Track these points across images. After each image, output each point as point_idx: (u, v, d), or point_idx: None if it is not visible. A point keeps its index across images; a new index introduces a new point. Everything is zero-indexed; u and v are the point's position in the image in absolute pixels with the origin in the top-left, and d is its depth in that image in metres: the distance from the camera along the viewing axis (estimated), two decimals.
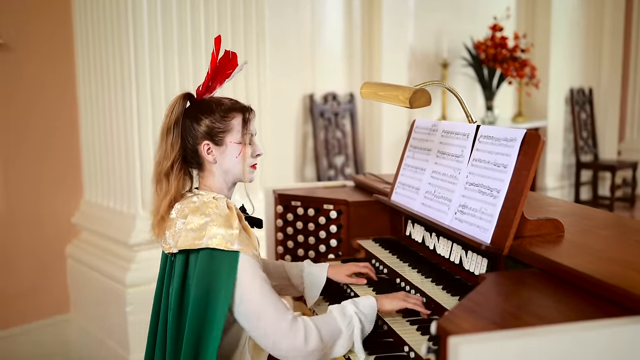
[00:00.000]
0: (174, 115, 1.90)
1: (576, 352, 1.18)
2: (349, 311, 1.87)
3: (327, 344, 1.80)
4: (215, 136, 1.90)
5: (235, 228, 1.80)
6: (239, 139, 1.92)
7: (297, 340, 1.75)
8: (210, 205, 1.85)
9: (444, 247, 2.20)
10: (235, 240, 1.77)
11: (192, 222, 1.83)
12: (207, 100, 1.95)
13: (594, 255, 1.67)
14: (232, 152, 1.92)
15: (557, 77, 7.08)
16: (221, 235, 1.78)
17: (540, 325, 1.26)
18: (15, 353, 3.74)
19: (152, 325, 2.00)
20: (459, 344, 1.14)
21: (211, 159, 1.92)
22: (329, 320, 1.84)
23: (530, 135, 1.84)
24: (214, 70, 1.95)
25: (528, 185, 1.80)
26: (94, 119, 3.69)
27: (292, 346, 1.75)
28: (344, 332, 1.83)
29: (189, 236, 1.81)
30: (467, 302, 1.43)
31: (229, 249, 1.77)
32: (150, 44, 3.30)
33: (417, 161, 2.43)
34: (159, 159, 1.92)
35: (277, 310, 1.77)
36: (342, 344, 1.84)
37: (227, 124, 1.91)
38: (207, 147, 1.90)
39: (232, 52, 1.98)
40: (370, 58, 5.39)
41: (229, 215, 1.83)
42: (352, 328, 1.85)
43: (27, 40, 3.64)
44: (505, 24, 6.32)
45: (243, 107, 1.96)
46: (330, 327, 1.82)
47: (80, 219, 3.88)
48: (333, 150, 5.21)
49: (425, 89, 1.94)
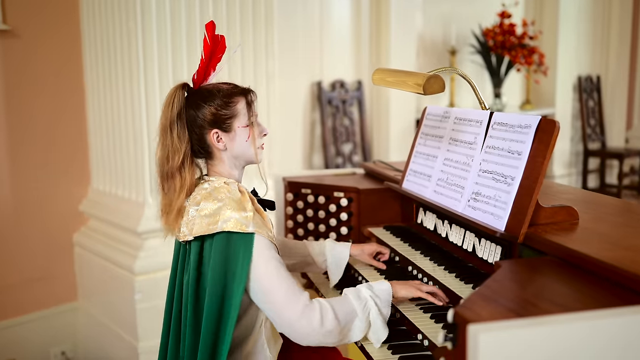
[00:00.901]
0: (175, 107, 1.86)
1: (596, 339, 1.17)
2: (364, 294, 1.86)
3: (344, 326, 1.79)
4: (223, 123, 1.88)
5: (249, 211, 1.79)
6: (246, 122, 1.91)
7: (313, 321, 1.74)
8: (222, 190, 1.84)
9: (457, 234, 2.18)
10: (250, 223, 1.77)
11: (206, 208, 1.82)
12: (206, 88, 1.92)
13: (609, 242, 1.65)
14: (242, 136, 1.91)
15: (565, 64, 7.03)
16: (235, 219, 1.77)
17: (559, 313, 1.25)
18: (23, 341, 3.75)
19: (167, 313, 1.99)
20: (478, 332, 1.13)
21: (221, 146, 1.89)
22: (344, 302, 1.83)
23: (546, 122, 1.82)
24: (208, 56, 1.93)
25: (543, 173, 1.78)
26: (102, 107, 3.68)
27: (309, 327, 1.74)
28: (359, 314, 1.82)
29: (204, 222, 1.80)
30: (484, 289, 1.42)
31: (244, 231, 1.76)
32: (158, 30, 3.27)
33: (428, 148, 2.41)
34: (166, 155, 1.87)
35: (292, 292, 1.77)
36: (359, 326, 1.83)
37: (232, 109, 1.89)
38: (216, 135, 1.88)
39: (220, 35, 1.95)
40: (378, 45, 5.36)
41: (241, 198, 1.83)
42: (368, 310, 1.84)
43: (34, 27, 3.62)
44: (513, 11, 6.28)
45: (244, 90, 1.94)
46: (346, 308, 1.81)
47: (88, 206, 3.87)
48: (341, 137, 5.19)
49: (439, 75, 1.92)
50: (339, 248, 2.34)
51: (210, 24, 1.94)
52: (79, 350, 3.96)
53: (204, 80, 1.96)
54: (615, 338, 1.18)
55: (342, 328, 1.79)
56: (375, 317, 1.85)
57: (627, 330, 1.19)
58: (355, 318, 1.82)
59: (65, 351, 3.92)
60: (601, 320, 1.18)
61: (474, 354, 1.15)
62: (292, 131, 4.88)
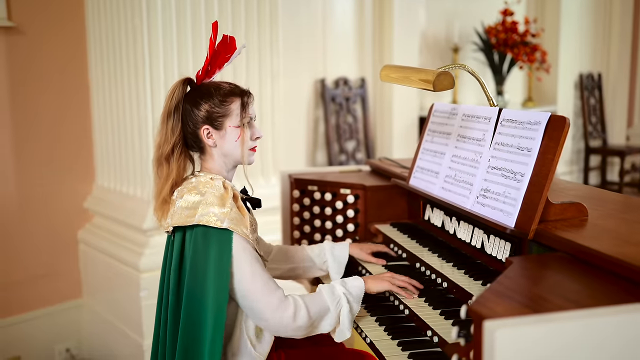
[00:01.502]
0: (174, 100, 1.93)
1: (613, 336, 1.17)
2: (338, 291, 1.95)
3: (314, 321, 1.89)
4: (215, 121, 1.93)
5: (227, 207, 1.83)
6: (237, 122, 1.95)
7: (286, 317, 1.83)
8: (206, 185, 1.90)
9: (465, 231, 2.19)
10: (225, 218, 1.81)
11: (187, 200, 1.88)
12: (206, 85, 1.97)
13: (620, 238, 1.66)
14: (232, 136, 1.95)
15: (566, 62, 7.03)
16: (212, 213, 1.82)
17: (572, 309, 1.26)
18: (28, 338, 3.75)
19: (159, 307, 2.03)
20: (495, 328, 1.13)
21: (211, 143, 1.95)
22: (318, 299, 1.92)
23: (555, 119, 1.83)
24: (213, 54, 1.97)
25: (553, 169, 1.79)
26: (107, 103, 3.68)
27: (280, 322, 1.83)
28: (331, 311, 1.92)
29: (183, 214, 1.86)
30: (497, 286, 1.42)
31: (218, 226, 1.80)
32: (163, 27, 3.27)
33: (436, 145, 2.41)
34: (159, 143, 1.95)
35: (267, 288, 1.84)
36: (329, 322, 1.93)
37: (225, 108, 1.94)
38: (207, 131, 1.93)
39: (230, 36, 2.01)
40: (381, 42, 5.35)
41: (223, 194, 1.87)
42: (339, 308, 1.93)
43: (39, 24, 3.62)
44: (515, 9, 6.27)
45: (242, 91, 1.98)
46: (319, 305, 1.90)
47: (93, 203, 3.87)
48: (344, 135, 5.19)
49: (448, 72, 1.93)
50: (338, 248, 2.41)
51: (214, 25, 2.00)
52: (83, 347, 3.97)
53: (206, 78, 2.01)
54: (631, 334, 1.19)
55: (312, 323, 1.89)
56: (346, 315, 1.94)
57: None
58: (326, 314, 1.91)
59: (70, 348, 3.92)
60: (616, 316, 1.19)
61: (490, 350, 1.15)
62: (296, 129, 4.88)
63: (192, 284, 1.84)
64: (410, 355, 1.78)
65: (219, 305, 1.79)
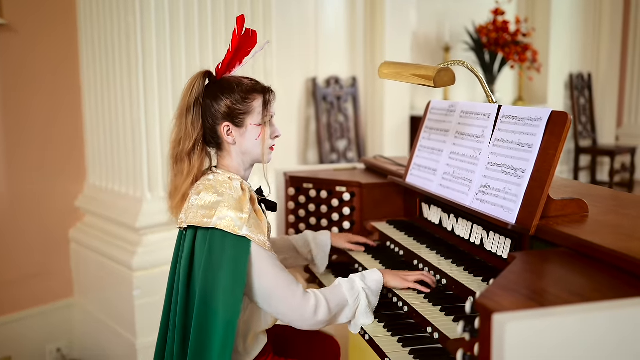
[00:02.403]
0: (194, 93, 1.87)
1: (623, 327, 1.17)
2: (357, 285, 1.95)
3: (334, 315, 1.90)
4: (236, 118, 1.89)
5: (245, 212, 1.80)
6: (259, 121, 1.91)
7: (307, 313, 1.84)
8: (224, 184, 1.86)
9: (463, 228, 2.18)
10: (244, 225, 1.78)
11: (204, 199, 1.84)
12: (227, 80, 1.92)
13: (622, 234, 1.66)
14: (252, 134, 1.91)
15: (557, 62, 7.07)
16: (230, 218, 1.78)
17: (578, 302, 1.25)
18: (19, 338, 3.71)
19: (167, 303, 2.00)
20: (505, 322, 1.12)
21: (230, 140, 1.90)
22: (337, 293, 1.92)
23: (557, 115, 1.82)
24: (236, 48, 1.92)
25: (555, 165, 1.78)
26: (99, 103, 3.65)
27: (302, 318, 1.84)
28: (350, 305, 1.93)
29: (199, 213, 1.82)
30: (501, 280, 1.41)
31: (236, 233, 1.78)
32: (157, 24, 3.25)
33: (433, 142, 2.40)
34: (179, 138, 1.90)
35: (288, 288, 1.83)
36: (347, 315, 1.94)
37: (247, 105, 1.89)
38: (227, 128, 1.89)
39: (253, 30, 1.95)
40: (373, 42, 5.35)
41: (241, 197, 1.84)
42: (358, 302, 1.94)
43: (31, 22, 3.58)
44: (506, 8, 6.30)
45: (264, 88, 1.94)
46: (338, 299, 1.91)
47: (84, 202, 3.84)
48: (336, 134, 5.18)
49: (449, 68, 1.92)
50: (320, 237, 2.43)
51: (241, 18, 1.94)
52: (74, 347, 3.93)
53: (227, 72, 1.96)
54: (638, 327, 1.18)
55: (332, 317, 1.90)
56: (363, 308, 1.95)
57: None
58: (345, 308, 1.92)
59: (61, 348, 3.88)
60: (626, 308, 1.19)
61: (499, 344, 1.14)
62: (287, 127, 4.87)
63: (205, 288, 1.80)
64: (411, 352, 1.77)
65: (232, 313, 1.77)
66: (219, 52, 3.45)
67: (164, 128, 3.34)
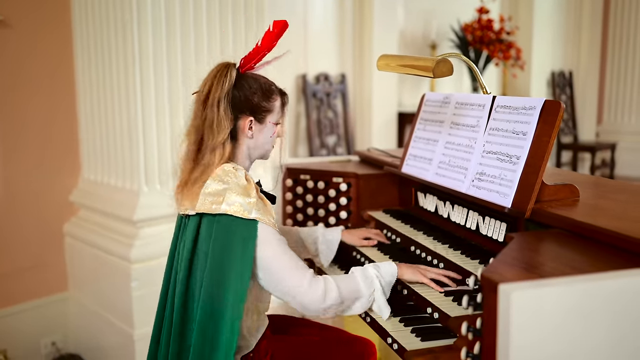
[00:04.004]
0: (226, 85, 1.90)
1: (618, 297, 1.25)
2: (371, 274, 1.97)
3: (346, 302, 1.91)
4: (260, 113, 1.96)
5: (252, 197, 1.86)
6: (277, 119, 2.01)
7: (316, 296, 1.86)
8: (229, 174, 1.91)
9: (459, 214, 2.26)
10: (252, 209, 1.84)
11: (210, 187, 1.88)
12: (253, 77, 1.99)
13: (614, 215, 1.75)
14: (269, 131, 2.00)
15: (539, 60, 7.21)
16: (239, 203, 1.84)
17: (577, 275, 1.33)
18: (14, 331, 3.74)
19: (163, 291, 2.05)
20: (510, 291, 1.20)
21: (249, 134, 1.96)
22: (351, 280, 1.94)
23: (550, 103, 1.91)
24: (265, 47, 1.99)
25: (549, 151, 1.87)
26: (94, 96, 3.68)
27: (311, 301, 1.86)
28: (364, 293, 1.93)
29: (207, 200, 1.87)
30: (502, 257, 1.50)
31: (246, 217, 1.83)
32: (153, 20, 3.29)
33: (428, 133, 2.49)
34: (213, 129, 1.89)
35: (297, 271, 1.87)
36: (362, 304, 1.95)
37: (271, 104, 1.98)
38: (250, 122, 1.95)
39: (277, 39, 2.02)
40: (361, 40, 5.44)
41: (246, 185, 1.89)
42: (372, 289, 1.95)
43: (27, 17, 3.61)
44: (490, 7, 6.41)
45: (282, 91, 2.05)
46: (351, 286, 1.93)
47: (79, 196, 3.87)
48: (325, 129, 5.25)
49: (447, 59, 2.01)
50: (330, 232, 2.46)
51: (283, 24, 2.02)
52: (69, 341, 3.96)
53: (250, 68, 2.02)
54: (633, 295, 1.27)
55: (342, 303, 1.91)
56: (379, 296, 1.96)
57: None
58: (359, 297, 1.93)
59: (56, 341, 3.91)
60: (623, 279, 1.27)
61: (505, 313, 1.22)
62: None
63: (212, 273, 1.84)
64: (413, 330, 1.85)
65: (240, 294, 1.82)
66: (212, 42, 3.50)
67: (160, 120, 3.38)
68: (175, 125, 3.45)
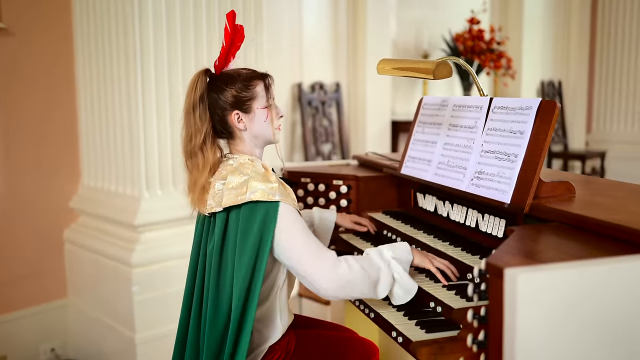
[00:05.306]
0: (198, 91, 1.99)
1: (618, 281, 1.31)
2: (386, 254, 1.99)
3: (370, 276, 1.91)
4: (243, 104, 2.01)
5: (273, 182, 1.93)
6: (264, 104, 2.05)
7: (342, 272, 1.87)
8: (246, 165, 1.98)
9: (458, 213, 2.33)
10: (276, 192, 1.90)
11: (233, 181, 1.95)
12: (228, 73, 2.05)
13: (610, 209, 1.81)
14: (260, 117, 2.04)
15: (529, 70, 7.33)
16: (262, 190, 1.90)
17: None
18: (13, 338, 3.76)
19: (189, 285, 2.10)
20: (517, 275, 1.26)
21: (242, 126, 2.03)
22: (368, 259, 1.96)
23: (546, 103, 1.99)
24: (229, 43, 2.06)
25: (546, 149, 1.94)
26: (94, 103, 3.73)
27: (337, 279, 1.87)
28: (384, 270, 1.94)
29: (232, 194, 1.92)
30: (505, 247, 1.56)
31: (271, 199, 1.88)
32: (154, 24, 3.35)
33: (427, 135, 2.55)
34: (190, 135, 2.00)
35: (320, 249, 1.90)
36: (385, 280, 1.94)
37: (252, 91, 2.03)
38: (237, 116, 2.01)
39: (240, 25, 2.09)
40: (355, 49, 5.53)
41: (265, 173, 1.96)
42: (392, 267, 1.97)
43: (28, 24, 3.66)
44: (481, 17, 6.52)
45: (262, 74, 2.08)
46: (371, 263, 1.95)
47: (79, 202, 3.91)
48: (320, 137, 5.32)
49: (447, 62, 2.08)
50: (326, 213, 2.55)
51: (231, 14, 2.09)
52: (68, 347, 3.99)
53: (225, 66, 2.09)
54: (632, 279, 1.33)
55: (369, 277, 1.91)
56: (402, 272, 1.97)
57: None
58: (380, 272, 1.94)
59: (55, 348, 3.94)
60: (623, 264, 1.33)
61: (511, 296, 1.28)
62: None
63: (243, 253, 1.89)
64: (417, 323, 1.90)
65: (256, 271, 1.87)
66: (213, 47, 3.56)
67: (161, 125, 3.44)
68: (176, 132, 3.50)
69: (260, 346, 2.04)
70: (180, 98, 3.46)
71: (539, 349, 1.27)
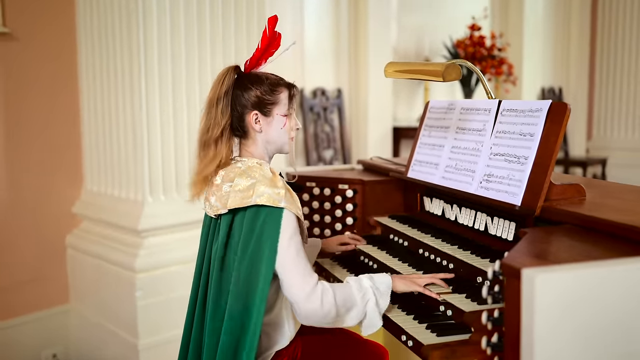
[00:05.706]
0: (224, 85, 1.99)
1: (629, 282, 1.30)
2: (365, 284, 1.98)
3: (341, 309, 1.91)
4: (264, 107, 2.01)
5: (280, 187, 1.92)
6: (285, 111, 2.05)
7: (315, 302, 1.87)
8: (254, 169, 1.97)
9: (467, 216, 2.31)
10: (282, 199, 1.89)
11: (240, 184, 1.94)
12: (256, 74, 2.06)
13: (622, 211, 1.80)
14: (278, 123, 2.04)
15: (530, 76, 7.34)
16: (268, 194, 1.89)
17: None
18: (15, 344, 3.74)
19: (195, 287, 2.09)
20: (535, 275, 1.25)
21: (258, 128, 2.02)
22: (345, 289, 1.95)
23: (557, 105, 1.98)
24: (265, 47, 2.06)
25: (556, 151, 1.93)
26: (97, 108, 3.72)
27: (311, 307, 1.87)
28: (358, 303, 1.94)
29: (238, 196, 1.92)
30: (518, 248, 1.55)
31: (276, 205, 1.88)
32: (158, 28, 3.34)
33: (434, 139, 2.54)
34: (208, 126, 2.00)
35: (304, 274, 1.89)
36: (356, 314, 1.94)
37: (275, 97, 2.03)
38: (255, 116, 2.01)
39: (279, 32, 2.09)
40: (357, 55, 5.53)
41: (272, 178, 1.95)
42: (366, 300, 1.96)
43: (31, 28, 3.65)
44: (482, 23, 6.53)
45: (289, 84, 2.09)
46: (346, 295, 1.93)
47: (81, 208, 3.89)
48: (322, 143, 5.32)
49: (456, 65, 2.07)
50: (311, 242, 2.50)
51: (272, 19, 2.10)
52: (70, 353, 3.96)
53: (255, 68, 2.10)
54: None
55: (339, 311, 1.91)
56: (373, 308, 1.96)
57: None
58: (353, 306, 1.94)
59: (57, 354, 3.91)
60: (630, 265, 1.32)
61: (529, 296, 1.27)
62: None
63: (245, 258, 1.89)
64: (428, 327, 1.88)
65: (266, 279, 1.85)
66: (216, 44, 3.56)
67: (164, 130, 3.43)
68: (179, 136, 3.49)
69: (268, 350, 2.03)
70: (182, 99, 3.46)
71: (559, 350, 1.26)
